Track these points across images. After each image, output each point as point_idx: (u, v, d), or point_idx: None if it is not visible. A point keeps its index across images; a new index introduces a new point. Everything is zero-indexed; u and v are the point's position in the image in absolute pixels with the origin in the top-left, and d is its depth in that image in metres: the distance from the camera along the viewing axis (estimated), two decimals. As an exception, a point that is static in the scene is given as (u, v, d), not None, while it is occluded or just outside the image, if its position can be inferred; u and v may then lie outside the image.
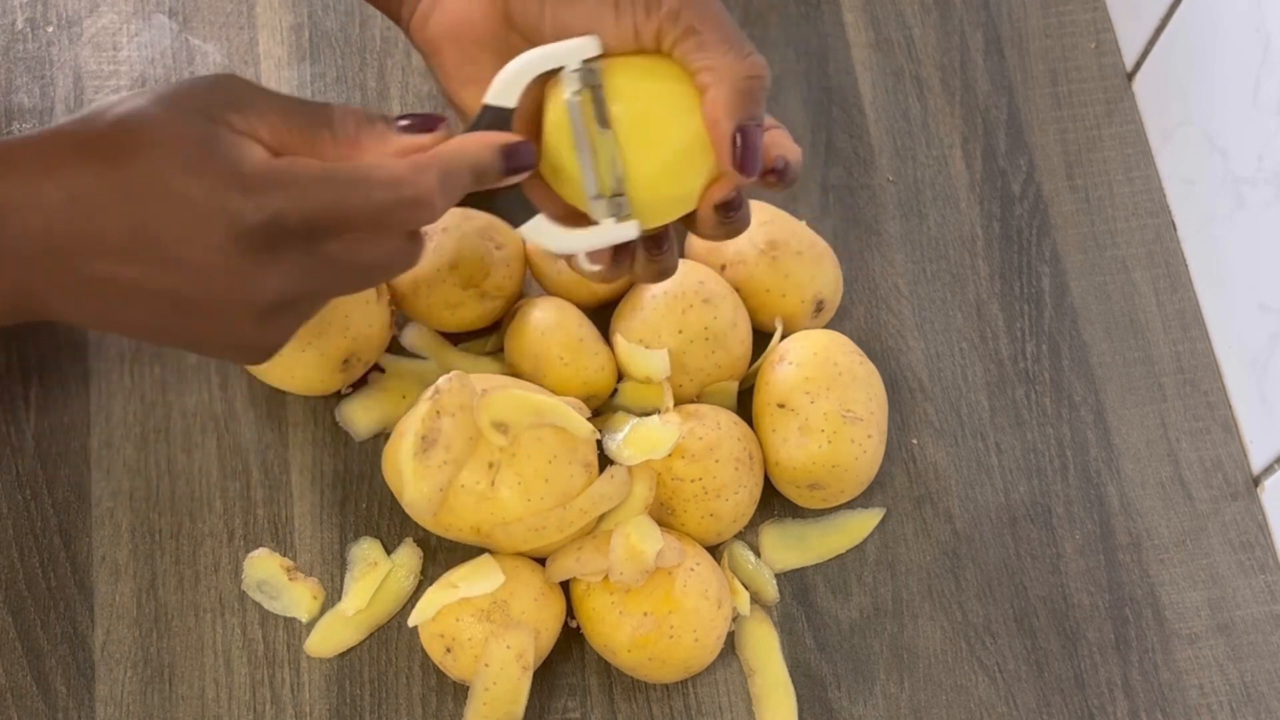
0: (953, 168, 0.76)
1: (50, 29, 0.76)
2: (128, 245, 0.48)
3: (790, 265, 0.68)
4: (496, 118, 0.53)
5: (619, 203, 0.54)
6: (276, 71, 0.76)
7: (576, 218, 0.55)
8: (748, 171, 0.52)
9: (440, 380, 0.61)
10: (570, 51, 0.53)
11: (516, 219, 0.54)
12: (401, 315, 0.69)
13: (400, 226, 0.51)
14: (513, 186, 0.53)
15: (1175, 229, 0.76)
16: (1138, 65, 0.78)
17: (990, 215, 0.75)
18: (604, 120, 0.53)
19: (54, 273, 0.49)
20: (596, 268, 0.57)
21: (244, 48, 0.76)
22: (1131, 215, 0.76)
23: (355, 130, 0.52)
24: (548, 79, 0.54)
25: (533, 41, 0.55)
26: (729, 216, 0.55)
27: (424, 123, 0.52)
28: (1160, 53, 0.76)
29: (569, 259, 0.58)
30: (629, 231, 0.54)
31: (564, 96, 0.53)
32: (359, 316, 0.65)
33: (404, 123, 0.52)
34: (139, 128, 0.48)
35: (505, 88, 0.53)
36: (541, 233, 0.54)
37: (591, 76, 0.53)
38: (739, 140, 0.52)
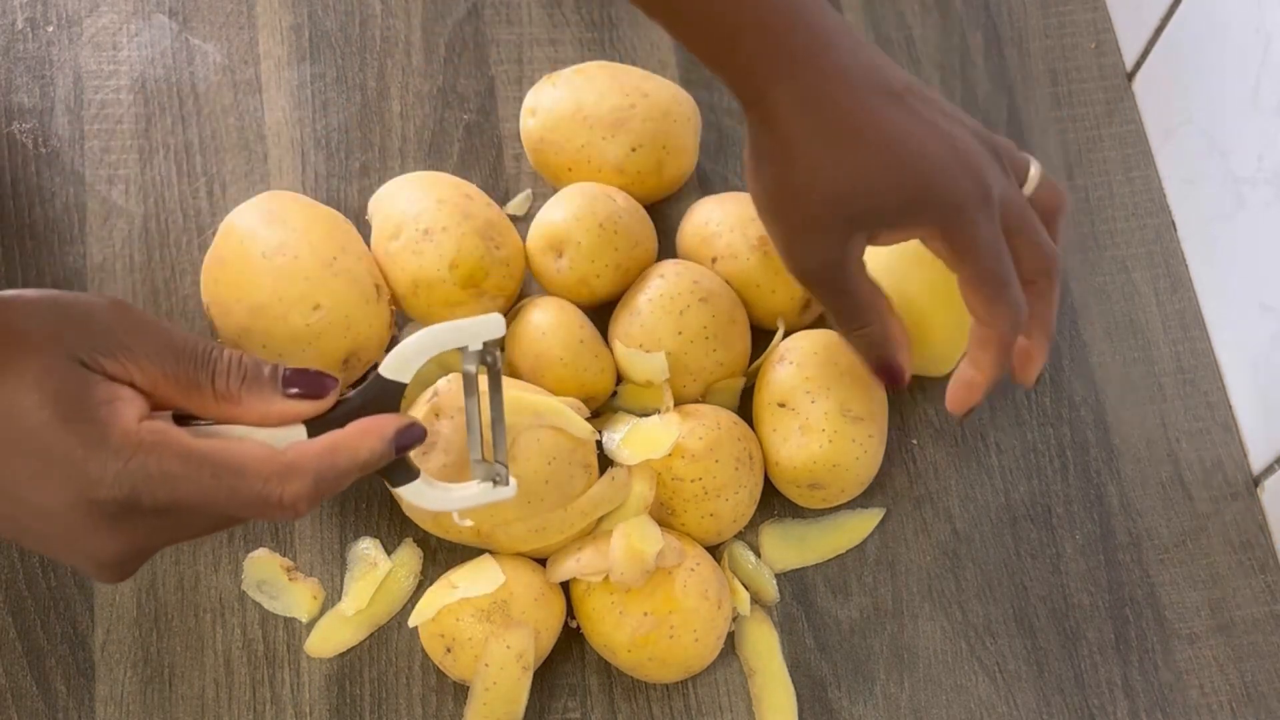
0: (953, 168, 0.76)
1: (50, 29, 0.76)
2: None
3: (779, 260, 0.67)
4: (388, 388, 0.53)
5: (497, 469, 0.55)
6: (276, 71, 0.76)
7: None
8: (896, 385, 0.63)
9: (439, 382, 0.61)
10: (473, 332, 0.53)
11: (396, 480, 0.54)
12: (401, 315, 0.69)
13: (259, 517, 0.49)
14: None
15: (1175, 229, 0.76)
16: (1138, 65, 0.78)
17: (990, 215, 0.75)
18: (498, 395, 0.55)
19: None
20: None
21: (244, 48, 0.76)
22: (1131, 215, 0.76)
23: (237, 386, 0.50)
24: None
25: None
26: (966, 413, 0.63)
27: (312, 386, 0.51)
28: (1160, 53, 0.76)
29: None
30: (505, 493, 0.55)
31: (461, 370, 0.55)
32: (359, 316, 0.65)
33: (291, 389, 0.50)
34: (10, 356, 0.46)
35: (402, 364, 0.53)
36: (421, 495, 0.54)
37: (488, 357, 0.54)
38: (876, 372, 0.62)
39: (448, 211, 0.66)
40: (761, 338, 0.70)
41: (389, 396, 0.53)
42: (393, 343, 0.68)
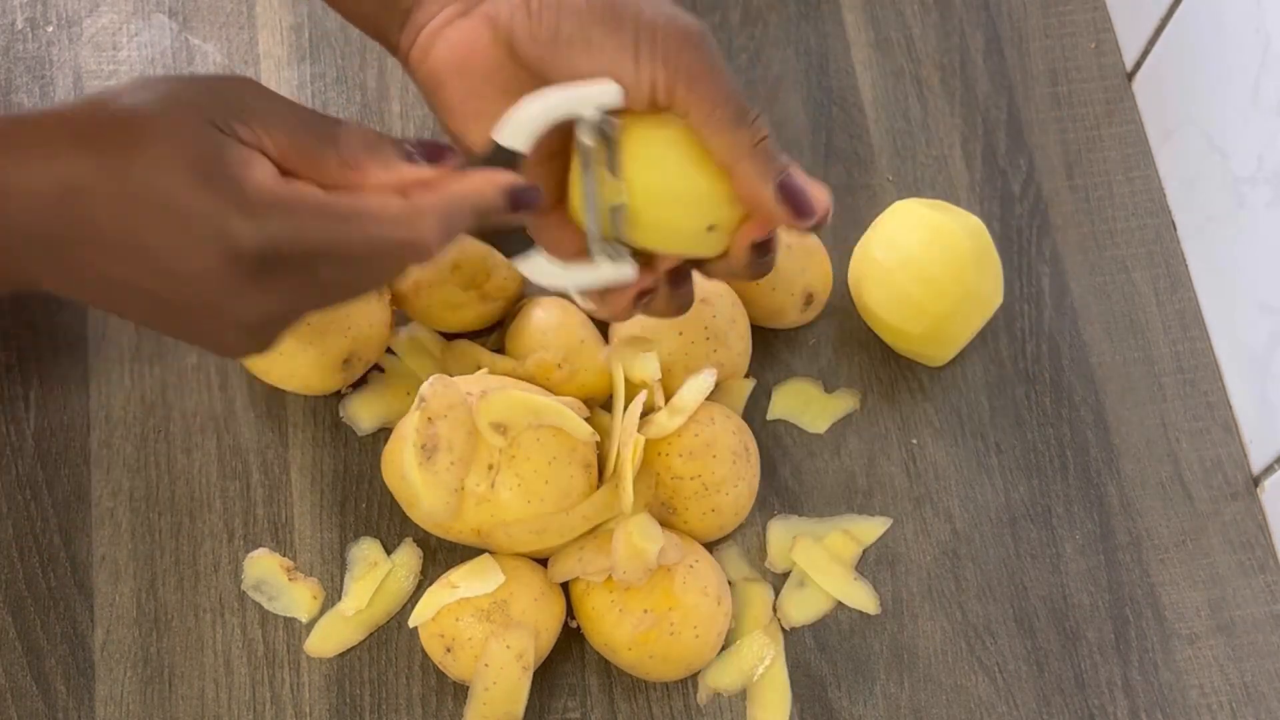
0: (952, 168, 0.76)
1: (50, 29, 0.76)
2: (120, 246, 0.48)
3: (780, 258, 0.67)
4: (505, 158, 0.52)
5: (618, 248, 0.54)
6: (276, 71, 0.76)
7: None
8: (806, 216, 0.53)
9: (423, 387, 0.61)
10: (588, 99, 0.52)
11: (513, 252, 0.54)
12: (402, 315, 0.69)
13: (395, 264, 0.51)
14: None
15: (1175, 229, 0.76)
16: (1138, 65, 0.78)
17: (990, 215, 0.75)
18: (615, 168, 0.53)
19: (44, 254, 0.49)
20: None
21: (244, 47, 0.76)
22: (1131, 215, 0.76)
23: (361, 153, 0.50)
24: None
25: (540, 79, 0.54)
26: (763, 258, 0.56)
27: (431, 152, 0.51)
28: (1160, 53, 0.76)
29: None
30: (623, 273, 0.54)
31: (577, 142, 0.53)
32: (359, 316, 0.65)
33: (411, 150, 0.51)
34: (145, 127, 0.47)
35: (518, 130, 0.52)
36: (537, 268, 0.54)
37: (607, 125, 0.52)
38: (782, 197, 0.52)
39: (448, 211, 0.66)
40: (759, 337, 0.70)
41: (506, 165, 0.52)
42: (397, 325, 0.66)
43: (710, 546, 0.66)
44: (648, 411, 0.64)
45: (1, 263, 0.49)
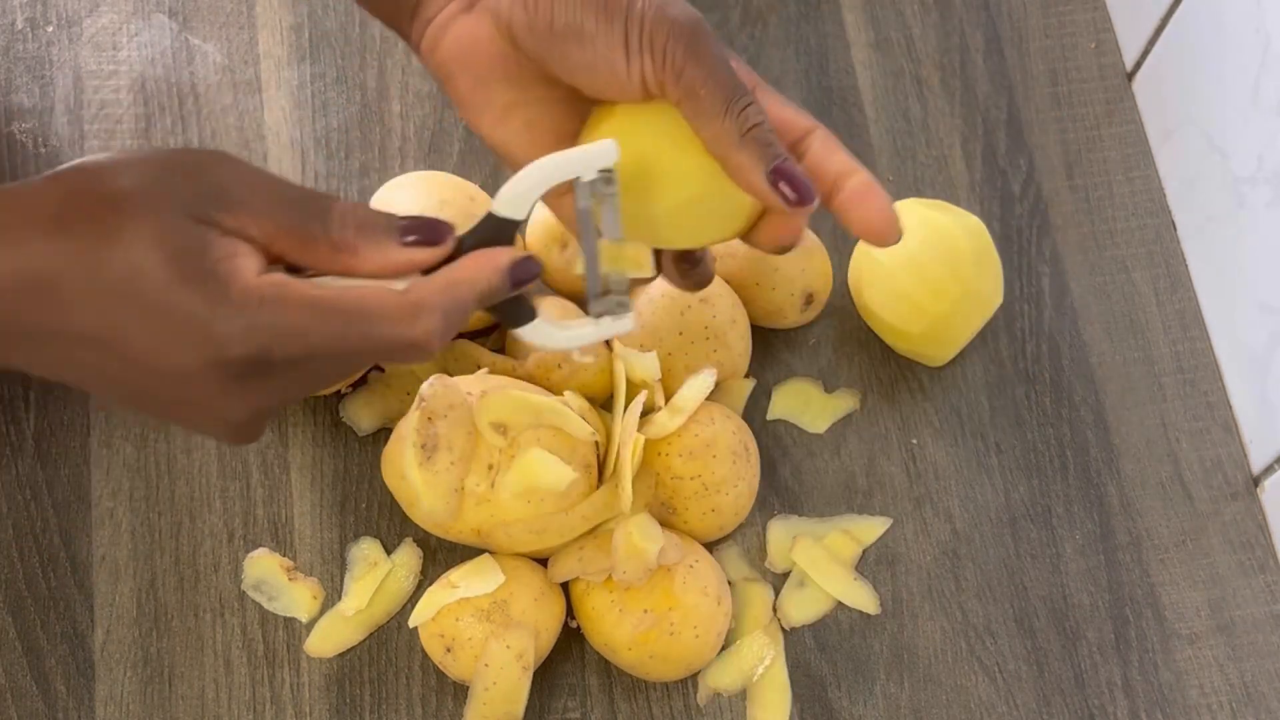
0: (953, 167, 0.76)
1: (50, 29, 0.76)
2: (97, 341, 0.45)
3: (779, 258, 0.68)
4: (502, 227, 0.51)
5: (618, 300, 0.54)
6: (276, 71, 0.76)
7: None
8: (803, 202, 0.52)
9: (423, 387, 0.61)
10: (586, 161, 0.52)
11: (515, 321, 0.53)
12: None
13: (392, 359, 0.49)
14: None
15: (1175, 229, 0.76)
16: (1138, 65, 0.78)
17: (990, 215, 0.75)
18: (615, 230, 0.53)
19: (16, 343, 0.46)
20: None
21: (244, 47, 0.76)
22: (1131, 215, 0.76)
23: (354, 236, 0.48)
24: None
25: (541, 70, 0.54)
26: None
27: (429, 235, 0.49)
28: (1160, 53, 0.76)
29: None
30: (624, 326, 0.54)
31: (577, 205, 0.53)
32: (359, 316, 0.65)
33: (409, 237, 0.49)
34: (125, 217, 0.45)
35: (516, 200, 0.51)
36: (541, 334, 0.53)
37: (606, 186, 0.52)
38: (779, 184, 0.52)
39: (450, 213, 0.66)
40: (759, 337, 0.70)
41: (503, 236, 0.51)
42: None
43: (710, 546, 0.66)
44: (648, 411, 0.64)
45: None
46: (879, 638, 0.66)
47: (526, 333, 0.53)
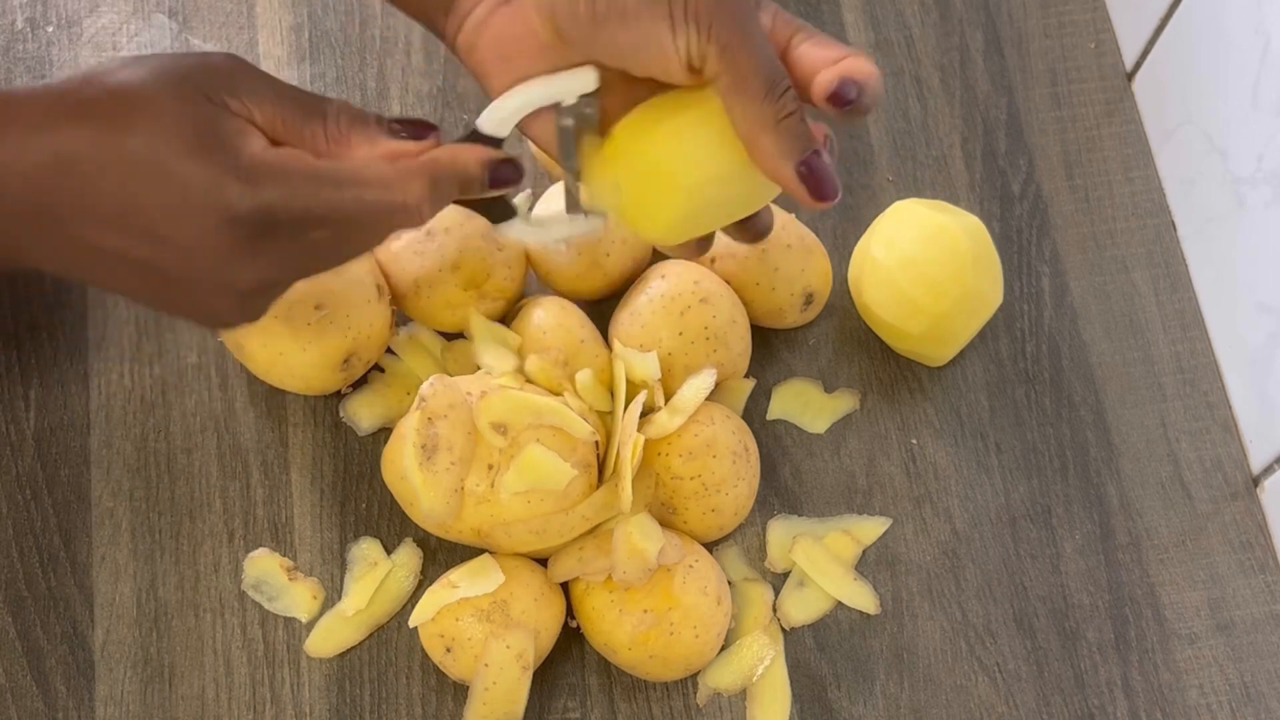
0: (952, 168, 0.76)
1: (50, 29, 0.76)
2: (115, 216, 0.49)
3: (779, 258, 0.68)
4: (484, 144, 0.55)
5: (595, 213, 0.58)
6: (276, 71, 0.76)
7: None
8: (826, 199, 0.52)
9: (423, 387, 0.61)
10: (567, 87, 0.55)
11: (495, 218, 0.57)
12: (402, 315, 0.69)
13: (385, 226, 0.52)
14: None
15: (1175, 229, 0.76)
16: (1138, 65, 0.78)
17: (990, 215, 0.75)
18: (589, 145, 0.56)
19: (37, 229, 0.49)
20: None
21: (244, 48, 0.76)
22: (1131, 215, 0.76)
23: (347, 127, 0.52)
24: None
25: (586, 57, 0.55)
26: (847, 107, 0.54)
27: (415, 130, 0.53)
28: (1160, 53, 0.76)
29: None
30: (596, 224, 0.58)
31: (558, 123, 0.56)
32: (359, 316, 0.65)
33: (396, 126, 0.53)
34: (141, 98, 0.48)
35: (499, 119, 0.55)
36: (519, 230, 0.58)
37: (586, 109, 0.55)
38: (806, 176, 0.52)
39: (450, 212, 0.66)
40: (759, 337, 0.70)
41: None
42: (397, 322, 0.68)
43: (710, 546, 0.66)
44: (648, 411, 0.64)
45: None
46: (879, 638, 0.66)
47: (506, 228, 0.57)
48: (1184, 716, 0.65)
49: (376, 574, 0.65)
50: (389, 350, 0.68)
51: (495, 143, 0.55)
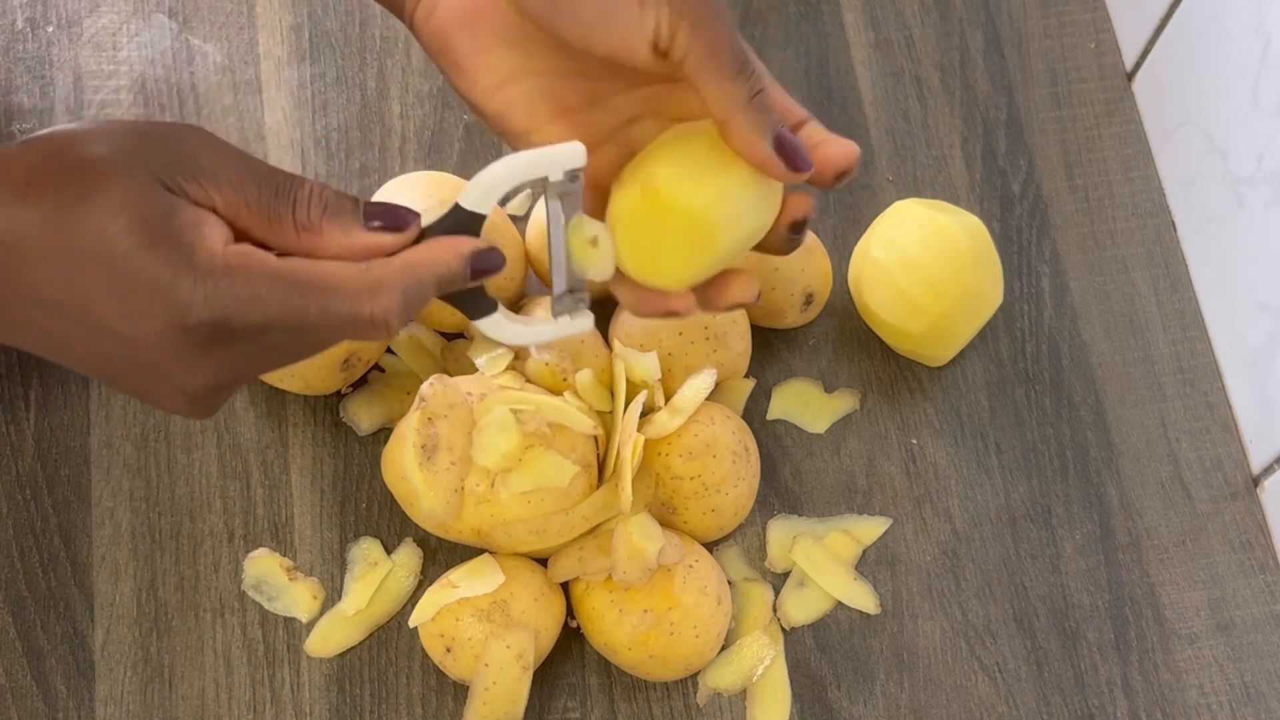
0: (952, 168, 0.76)
1: (50, 29, 0.76)
2: (62, 304, 0.46)
3: (779, 258, 0.68)
4: (467, 220, 0.52)
5: (578, 299, 0.54)
6: (276, 71, 0.76)
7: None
8: (802, 169, 0.51)
9: (423, 387, 0.61)
10: (555, 161, 0.52)
11: (474, 313, 0.53)
12: (401, 315, 0.69)
13: (351, 337, 0.49)
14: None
15: (1175, 229, 0.76)
16: (1138, 65, 0.78)
17: (990, 215, 0.75)
18: (583, 233, 0.53)
19: None
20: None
21: (244, 48, 0.76)
22: (1131, 215, 0.76)
23: (319, 217, 0.48)
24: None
25: (547, 31, 0.53)
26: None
27: (393, 221, 0.49)
28: (1160, 53, 0.76)
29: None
30: (583, 325, 0.55)
31: (546, 203, 0.53)
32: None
33: (374, 222, 0.49)
34: (94, 183, 0.45)
35: (482, 194, 0.51)
36: (499, 328, 0.54)
37: (571, 184, 0.52)
38: (780, 150, 0.51)
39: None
40: (759, 337, 0.70)
41: (468, 229, 0.52)
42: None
43: (710, 546, 0.66)
44: (648, 411, 0.64)
45: None
46: (879, 638, 0.66)
47: (485, 325, 0.53)
48: (1184, 716, 0.65)
49: (376, 574, 0.65)
50: (389, 350, 0.68)
51: (478, 219, 0.51)
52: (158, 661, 0.64)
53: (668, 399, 0.64)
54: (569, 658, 0.65)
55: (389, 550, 0.66)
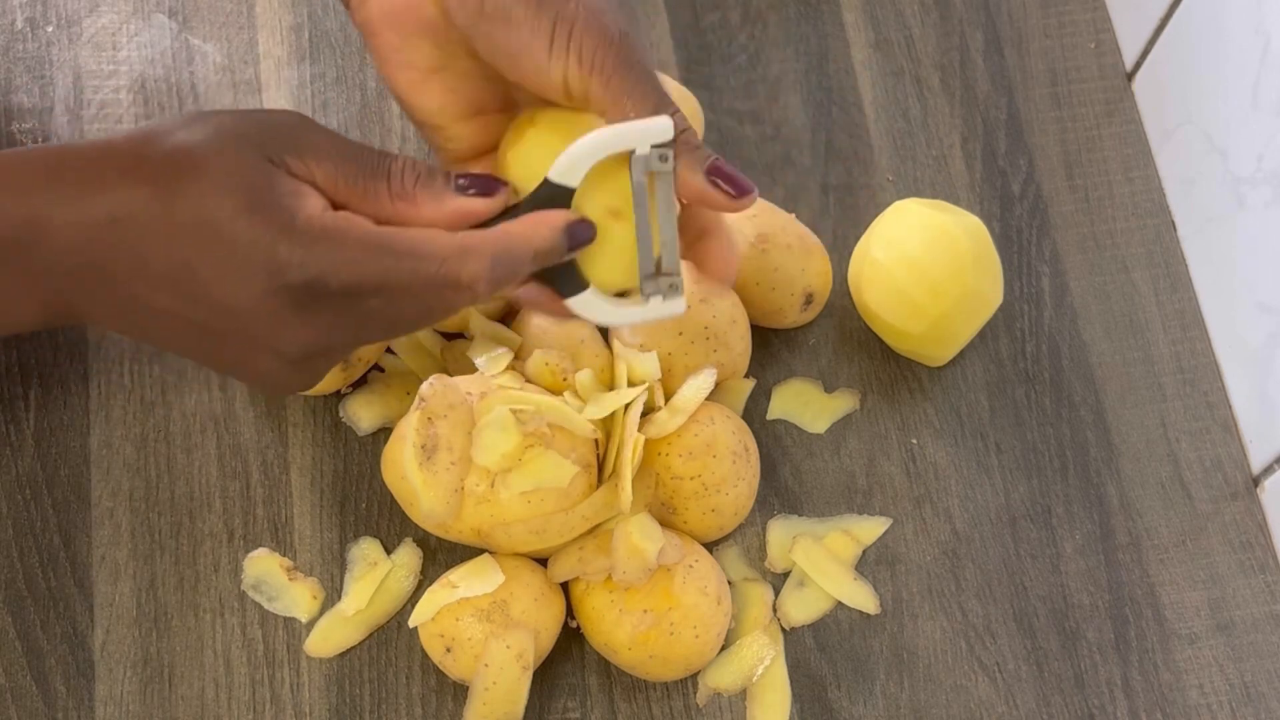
0: (952, 168, 0.76)
1: (50, 29, 0.76)
2: (167, 275, 0.48)
3: (780, 258, 0.68)
4: (557, 193, 0.52)
5: (670, 282, 0.54)
6: (276, 71, 0.76)
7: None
8: (746, 192, 0.52)
9: (423, 387, 0.61)
10: (643, 134, 0.52)
11: (567, 290, 0.53)
12: (401, 315, 0.69)
13: (441, 302, 0.50)
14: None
15: (1175, 229, 0.76)
16: (1138, 65, 0.78)
17: (990, 215, 0.75)
18: (669, 203, 0.53)
19: (91, 287, 0.49)
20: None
21: (244, 48, 0.76)
22: (1131, 215, 0.76)
23: (412, 185, 0.50)
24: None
25: (470, 45, 0.53)
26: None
27: (484, 186, 0.51)
28: (1160, 53, 0.76)
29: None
30: (675, 308, 0.54)
31: (632, 180, 0.53)
32: (359, 316, 0.65)
33: (463, 183, 0.51)
34: (198, 158, 0.47)
35: (571, 167, 0.52)
36: (591, 306, 0.54)
37: (661, 160, 0.52)
38: (718, 180, 0.52)
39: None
40: (759, 337, 0.70)
41: (558, 202, 0.52)
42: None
43: (710, 546, 0.66)
44: (648, 411, 0.64)
45: (46, 297, 0.49)
46: (879, 638, 0.66)
47: (577, 303, 0.54)
48: (1184, 716, 0.65)
49: (376, 574, 0.65)
50: (389, 350, 0.68)
51: (567, 193, 0.52)
52: (158, 661, 0.64)
53: (668, 399, 0.64)
54: (569, 658, 0.65)
55: (389, 550, 0.66)
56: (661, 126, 0.52)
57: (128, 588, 0.65)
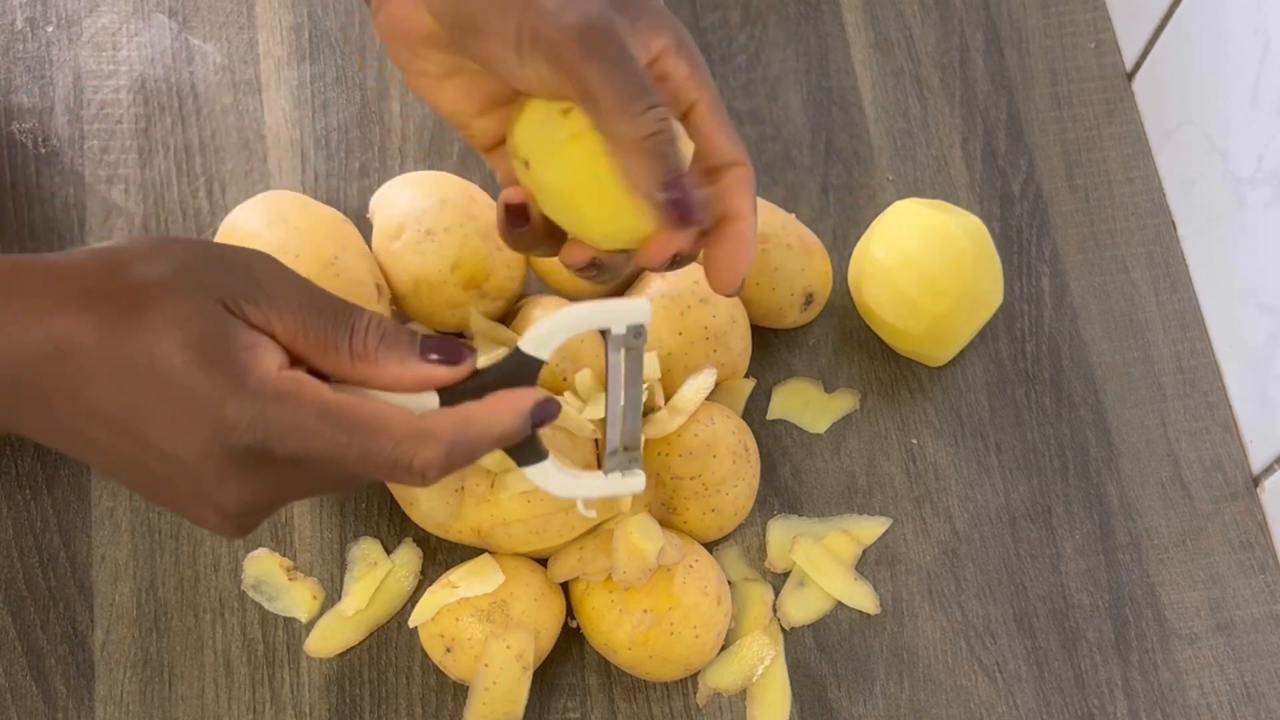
0: (952, 168, 0.76)
1: (50, 29, 0.76)
2: (108, 414, 0.46)
3: (780, 258, 0.68)
4: (525, 364, 0.51)
5: (631, 457, 0.54)
6: (276, 71, 0.76)
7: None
8: (684, 223, 0.50)
9: None
10: (616, 315, 0.52)
11: (525, 460, 0.53)
12: (402, 315, 0.69)
13: (389, 479, 0.49)
14: None
15: (1175, 229, 0.76)
16: (1138, 65, 0.78)
17: (990, 215, 0.75)
18: (637, 381, 0.53)
19: (26, 410, 0.47)
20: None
21: (244, 48, 0.76)
22: (1131, 215, 0.76)
23: (375, 345, 0.49)
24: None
25: (459, 54, 0.53)
26: (673, 267, 0.53)
27: (450, 353, 0.50)
28: (1160, 53, 0.76)
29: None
30: (635, 485, 0.54)
31: (606, 359, 0.53)
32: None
33: (431, 354, 0.49)
34: (155, 297, 0.46)
35: (542, 340, 0.51)
36: (549, 478, 0.53)
37: (635, 340, 0.52)
38: (666, 200, 0.49)
39: (451, 212, 0.66)
40: (759, 337, 0.70)
41: (526, 372, 0.51)
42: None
43: (710, 546, 0.66)
44: (648, 411, 0.64)
45: None
46: (879, 638, 0.66)
47: (534, 473, 0.53)
48: (1184, 716, 0.65)
49: (376, 574, 0.65)
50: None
51: (536, 364, 0.51)
52: (157, 661, 0.64)
53: (668, 399, 0.64)
54: (569, 658, 0.65)
55: (389, 550, 0.66)
56: (637, 309, 0.51)
57: (128, 588, 0.65)
